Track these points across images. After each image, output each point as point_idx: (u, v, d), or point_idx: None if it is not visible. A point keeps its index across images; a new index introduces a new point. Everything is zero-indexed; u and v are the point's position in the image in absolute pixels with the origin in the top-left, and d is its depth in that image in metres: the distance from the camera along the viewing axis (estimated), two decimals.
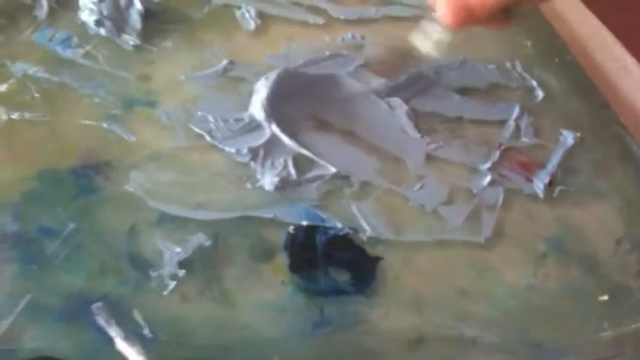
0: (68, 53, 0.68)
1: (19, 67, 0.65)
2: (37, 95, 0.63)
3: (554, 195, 0.60)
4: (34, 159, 0.58)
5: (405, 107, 0.65)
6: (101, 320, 0.48)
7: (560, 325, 0.52)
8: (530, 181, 0.60)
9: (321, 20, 0.74)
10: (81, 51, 0.68)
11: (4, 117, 0.60)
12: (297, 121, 0.63)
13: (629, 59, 0.70)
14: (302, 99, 0.65)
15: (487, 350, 0.51)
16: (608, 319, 0.52)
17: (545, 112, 0.66)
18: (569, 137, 0.63)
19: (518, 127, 0.64)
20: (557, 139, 0.64)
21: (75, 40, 0.69)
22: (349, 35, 0.73)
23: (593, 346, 0.52)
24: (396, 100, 0.65)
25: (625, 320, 0.52)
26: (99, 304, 0.49)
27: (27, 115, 0.62)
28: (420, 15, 0.74)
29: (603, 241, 0.57)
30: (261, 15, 0.74)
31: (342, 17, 0.74)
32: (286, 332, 0.50)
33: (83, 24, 0.70)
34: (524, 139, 0.63)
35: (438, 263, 0.55)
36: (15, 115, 0.61)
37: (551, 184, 0.60)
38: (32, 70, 0.65)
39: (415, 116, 0.65)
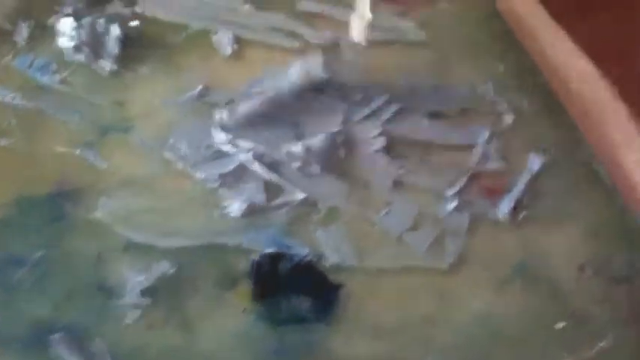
0: (46, 79, 0.69)
1: None
2: (13, 122, 0.64)
3: (519, 220, 0.60)
4: (7, 186, 0.59)
5: (379, 132, 0.66)
6: (62, 350, 0.49)
7: (521, 352, 0.53)
8: (495, 206, 0.61)
9: (296, 44, 0.75)
10: (58, 77, 0.69)
11: None
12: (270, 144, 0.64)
13: (601, 81, 0.70)
14: (278, 122, 0.66)
15: None
16: (568, 346, 0.53)
17: (515, 136, 0.66)
18: (535, 161, 0.64)
19: (486, 152, 0.65)
20: (525, 163, 0.64)
21: (53, 66, 0.70)
22: None
23: None
24: (371, 125, 0.66)
25: (584, 347, 0.53)
26: (59, 334, 0.50)
27: (3, 142, 0.63)
28: (394, 39, 0.75)
29: (566, 266, 0.57)
30: (238, 40, 0.75)
31: (317, 42, 0.75)
32: None
33: (61, 50, 0.71)
34: (492, 164, 0.64)
35: (401, 290, 0.55)
36: None
37: (516, 209, 0.60)
38: (10, 96, 0.66)
39: (387, 141, 0.65)
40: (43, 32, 0.73)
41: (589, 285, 0.56)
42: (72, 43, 0.71)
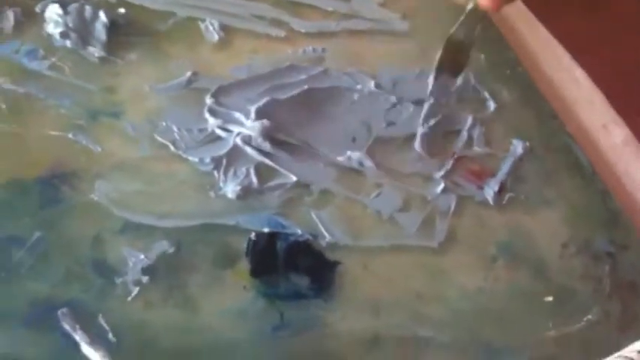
0: (34, 65, 0.69)
1: None
2: (3, 106, 0.64)
3: (504, 202, 0.62)
4: (1, 169, 0.59)
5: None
6: (67, 325, 0.49)
7: (509, 325, 0.55)
8: (481, 188, 0.63)
9: (282, 33, 0.76)
10: (47, 63, 0.69)
11: None
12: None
13: (577, 70, 0.73)
14: None
15: (439, 350, 0.53)
16: (554, 320, 0.55)
17: (497, 123, 0.69)
18: (518, 147, 0.66)
19: (470, 137, 0.67)
20: (507, 148, 0.66)
21: (41, 52, 0.70)
22: (310, 48, 0.75)
23: (539, 345, 0.54)
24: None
25: (569, 320, 0.55)
26: (64, 309, 0.50)
27: None
28: (378, 28, 0.77)
29: (550, 245, 0.60)
30: (224, 28, 0.76)
31: (303, 30, 0.77)
32: (247, 336, 0.52)
33: (49, 36, 0.71)
34: (477, 149, 0.66)
35: (394, 267, 0.57)
36: None
37: (501, 192, 0.62)
38: None
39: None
40: (30, 19, 0.73)
41: (572, 262, 0.59)
42: (59, 30, 0.72)
